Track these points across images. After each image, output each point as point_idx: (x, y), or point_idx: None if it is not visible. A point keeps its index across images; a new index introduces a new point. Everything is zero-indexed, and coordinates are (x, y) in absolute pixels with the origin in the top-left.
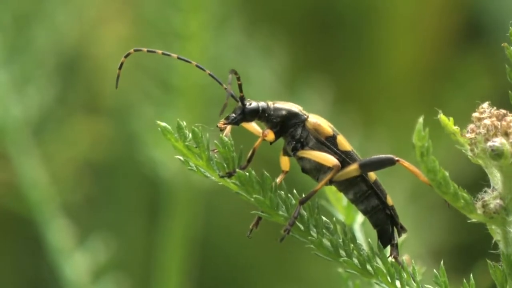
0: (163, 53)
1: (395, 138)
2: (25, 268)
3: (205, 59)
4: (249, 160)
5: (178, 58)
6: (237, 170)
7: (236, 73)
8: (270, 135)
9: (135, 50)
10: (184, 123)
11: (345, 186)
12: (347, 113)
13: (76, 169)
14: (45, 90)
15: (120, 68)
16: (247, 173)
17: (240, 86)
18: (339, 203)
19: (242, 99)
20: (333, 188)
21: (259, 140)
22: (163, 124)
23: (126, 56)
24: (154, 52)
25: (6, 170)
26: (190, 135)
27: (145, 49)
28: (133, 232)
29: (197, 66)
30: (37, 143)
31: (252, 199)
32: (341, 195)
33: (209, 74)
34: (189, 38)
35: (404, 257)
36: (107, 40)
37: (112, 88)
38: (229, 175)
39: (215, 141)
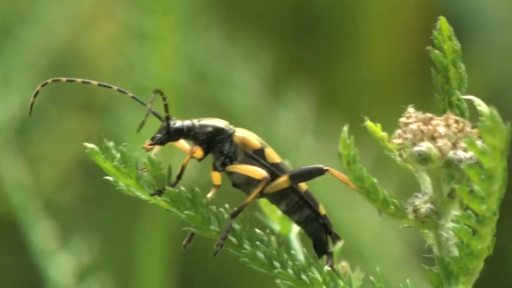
0: (82, 82)
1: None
2: (9, 269)
3: (179, 59)
4: (178, 177)
5: (99, 85)
6: (166, 187)
7: (162, 93)
8: (198, 152)
9: (53, 81)
10: (112, 143)
11: (276, 198)
12: (331, 115)
13: (68, 168)
14: (29, 90)
15: (35, 96)
16: (177, 190)
17: (166, 106)
18: (273, 214)
19: (167, 118)
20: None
21: (187, 157)
22: (90, 145)
23: (43, 85)
24: (73, 81)
25: None
26: (118, 155)
27: (64, 79)
28: (121, 232)
29: (118, 90)
30: (27, 142)
31: (183, 216)
32: None
33: (132, 97)
34: (160, 39)
35: (341, 265)
36: (99, 39)
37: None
38: (159, 192)
39: (143, 160)
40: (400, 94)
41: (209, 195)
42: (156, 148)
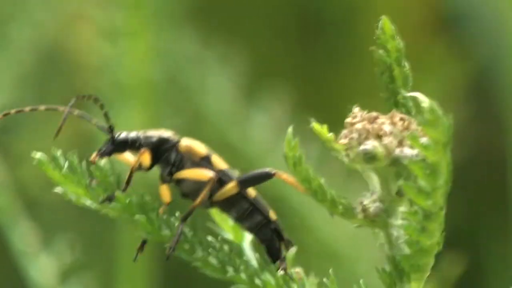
0: (31, 109)
1: None
2: None
3: (154, 57)
4: (127, 183)
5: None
6: (116, 194)
7: (98, 100)
8: (146, 156)
9: (4, 115)
10: (59, 152)
11: (226, 205)
12: (309, 118)
13: None
14: (18, 89)
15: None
16: (127, 197)
17: (106, 114)
18: (225, 223)
19: (111, 129)
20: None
21: (136, 161)
22: (38, 155)
23: (4, 115)
24: (22, 111)
25: None
26: (66, 163)
27: (13, 111)
28: (103, 231)
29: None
30: (9, 142)
31: (134, 221)
32: None
33: (79, 115)
34: (135, 37)
35: (295, 270)
36: (85, 35)
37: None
38: (109, 199)
39: (91, 168)
40: None
41: (160, 210)
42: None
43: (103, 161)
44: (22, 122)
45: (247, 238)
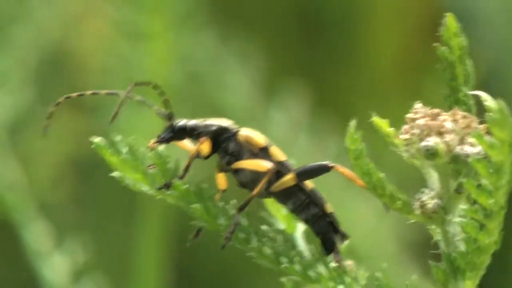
0: (92, 93)
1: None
2: (4, 270)
3: (173, 58)
4: (185, 170)
5: (107, 93)
6: (174, 181)
7: (158, 87)
8: (206, 145)
9: (65, 98)
10: (119, 137)
11: (283, 196)
12: (325, 115)
13: (60, 167)
14: (23, 89)
15: (49, 118)
16: (185, 184)
17: (166, 102)
18: (279, 213)
19: (170, 116)
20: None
21: (195, 150)
22: (97, 139)
23: (56, 105)
24: (83, 95)
25: None
26: (126, 149)
27: (75, 94)
28: (115, 231)
29: (126, 96)
30: (18, 142)
31: (192, 209)
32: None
33: (139, 100)
34: (154, 38)
35: (347, 263)
36: (88, 37)
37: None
38: (167, 186)
39: (150, 153)
40: (404, 93)
41: (216, 197)
42: (161, 147)
43: (162, 148)
44: (31, 122)
45: (299, 229)
